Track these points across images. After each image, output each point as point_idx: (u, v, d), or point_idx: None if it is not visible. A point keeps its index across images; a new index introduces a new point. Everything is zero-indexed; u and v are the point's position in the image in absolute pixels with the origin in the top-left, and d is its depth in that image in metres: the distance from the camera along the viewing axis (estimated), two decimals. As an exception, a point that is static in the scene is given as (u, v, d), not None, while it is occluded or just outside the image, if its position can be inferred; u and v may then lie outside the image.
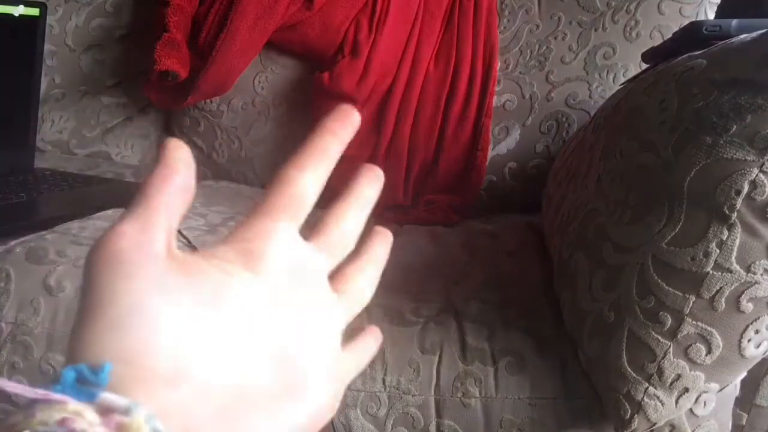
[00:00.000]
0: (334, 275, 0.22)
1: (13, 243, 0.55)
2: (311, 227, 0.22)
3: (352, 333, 0.23)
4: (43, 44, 0.82)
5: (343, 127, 0.22)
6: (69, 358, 0.16)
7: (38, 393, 0.14)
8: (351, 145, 0.22)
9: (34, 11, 0.79)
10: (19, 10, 0.77)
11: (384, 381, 0.45)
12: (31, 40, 0.79)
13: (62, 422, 0.14)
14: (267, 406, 0.18)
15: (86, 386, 0.15)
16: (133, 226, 0.18)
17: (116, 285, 0.16)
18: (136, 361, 0.16)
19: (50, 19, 0.90)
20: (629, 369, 0.39)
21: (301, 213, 0.20)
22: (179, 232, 0.60)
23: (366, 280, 0.23)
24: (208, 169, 0.89)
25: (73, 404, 0.14)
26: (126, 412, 0.14)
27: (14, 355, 0.49)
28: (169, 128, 0.92)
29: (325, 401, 0.20)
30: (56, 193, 0.69)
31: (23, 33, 0.78)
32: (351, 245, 0.22)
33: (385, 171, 0.24)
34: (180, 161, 0.19)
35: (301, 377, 0.19)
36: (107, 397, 0.14)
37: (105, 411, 0.14)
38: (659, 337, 0.38)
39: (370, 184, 0.23)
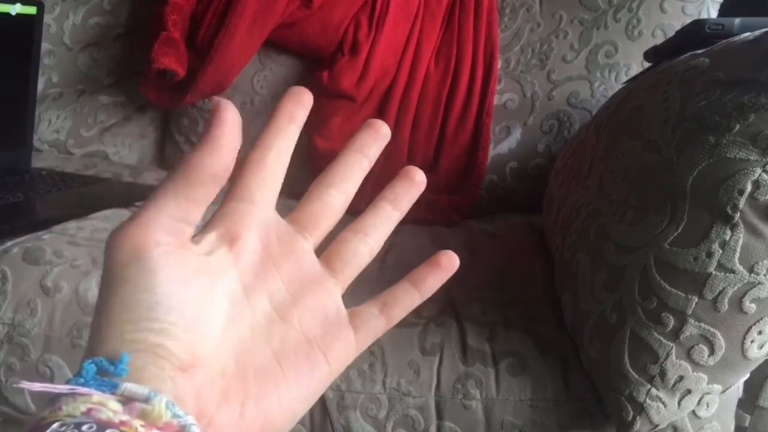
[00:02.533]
0: (328, 247, 0.23)
1: (10, 243, 0.54)
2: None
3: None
4: (40, 43, 0.81)
5: (299, 108, 0.22)
6: (88, 350, 0.17)
7: (62, 388, 0.15)
8: None
9: (32, 10, 0.78)
10: (16, 9, 0.76)
11: (384, 382, 0.45)
12: (28, 39, 0.78)
13: (88, 413, 0.14)
14: (270, 381, 0.19)
15: (107, 377, 0.16)
16: (159, 220, 0.18)
17: (139, 281, 0.17)
18: (155, 351, 0.17)
19: (47, 18, 0.89)
20: (631, 370, 0.39)
21: (272, 193, 0.21)
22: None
23: (348, 248, 0.22)
24: (207, 169, 0.88)
25: (97, 395, 0.15)
26: (146, 400, 0.15)
27: (11, 357, 0.49)
28: (168, 128, 0.91)
29: (324, 369, 0.21)
30: (53, 193, 0.69)
31: (20, 32, 0.78)
32: (330, 220, 0.22)
33: (384, 171, 0.24)
34: (230, 135, 0.19)
35: (293, 350, 0.20)
36: (128, 387, 0.15)
37: (127, 400, 0.15)
38: (662, 338, 0.38)
39: (353, 161, 0.23)
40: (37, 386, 0.15)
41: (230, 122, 0.19)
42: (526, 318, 0.48)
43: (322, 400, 0.45)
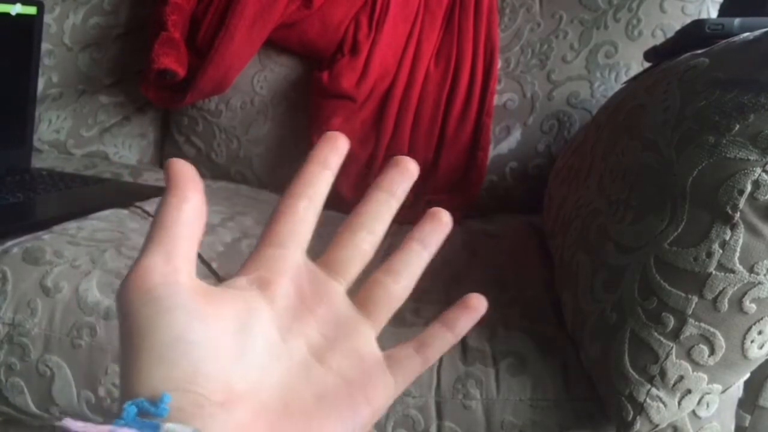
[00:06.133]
0: (361, 289, 0.23)
1: (9, 243, 0.54)
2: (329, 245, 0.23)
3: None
4: (41, 43, 0.81)
5: (333, 154, 0.22)
6: (125, 393, 0.17)
7: (104, 429, 0.15)
8: (351, 145, 0.22)
9: (32, 10, 0.78)
10: (16, 9, 0.76)
11: (384, 382, 0.45)
12: (29, 39, 0.78)
13: None
14: (314, 421, 0.19)
15: (148, 418, 0.16)
16: (157, 260, 0.18)
17: (156, 320, 0.17)
18: (189, 389, 0.17)
19: (47, 18, 0.89)
20: (631, 370, 0.39)
21: (303, 239, 0.22)
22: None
23: (382, 290, 0.23)
24: (207, 169, 0.88)
25: None
26: None
27: (11, 357, 0.49)
28: (168, 128, 0.92)
29: (366, 411, 0.21)
30: (53, 194, 0.69)
31: (20, 32, 0.78)
32: (360, 262, 0.23)
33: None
34: (190, 186, 0.19)
35: (333, 393, 0.20)
36: (170, 427, 0.15)
37: None
38: (661, 338, 0.38)
39: (382, 201, 0.23)
40: (79, 425, 0.15)
41: (183, 172, 0.20)
42: (526, 318, 0.48)
43: (322, 400, 0.45)
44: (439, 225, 0.24)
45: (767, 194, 0.34)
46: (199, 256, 0.59)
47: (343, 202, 0.24)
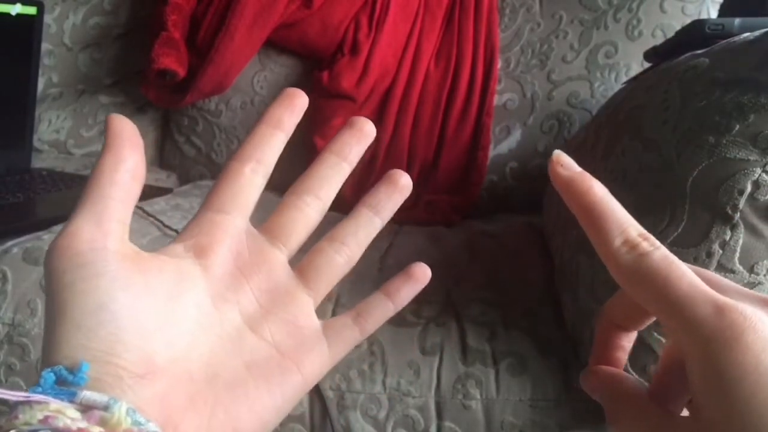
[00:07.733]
0: (304, 258, 0.22)
1: (10, 243, 0.54)
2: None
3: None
4: (41, 43, 0.81)
5: (288, 114, 0.21)
6: (45, 360, 0.16)
7: (20, 395, 0.15)
8: None
9: (32, 10, 0.78)
10: (16, 9, 0.76)
11: (384, 383, 0.45)
12: (29, 39, 0.79)
13: (44, 420, 0.14)
14: (240, 389, 0.19)
15: (66, 386, 0.15)
16: (86, 224, 0.18)
17: (78, 286, 0.17)
18: (106, 359, 0.16)
19: (47, 18, 0.89)
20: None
21: (247, 204, 0.21)
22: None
23: (323, 259, 0.21)
24: (207, 169, 0.88)
25: (54, 403, 0.15)
26: (106, 407, 0.15)
27: (11, 357, 0.49)
28: (168, 128, 0.92)
29: (297, 379, 0.20)
30: (53, 194, 0.69)
31: (20, 32, 0.78)
32: (304, 228, 0.22)
33: (384, 171, 0.23)
34: (126, 145, 0.18)
35: (264, 361, 0.20)
36: (87, 395, 0.15)
37: (86, 408, 0.15)
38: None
39: (332, 164, 0.22)
40: None
41: (123, 131, 0.19)
42: (526, 318, 0.48)
43: (322, 400, 0.45)
44: (395, 188, 0.22)
45: (767, 194, 0.34)
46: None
47: (344, 203, 0.24)
